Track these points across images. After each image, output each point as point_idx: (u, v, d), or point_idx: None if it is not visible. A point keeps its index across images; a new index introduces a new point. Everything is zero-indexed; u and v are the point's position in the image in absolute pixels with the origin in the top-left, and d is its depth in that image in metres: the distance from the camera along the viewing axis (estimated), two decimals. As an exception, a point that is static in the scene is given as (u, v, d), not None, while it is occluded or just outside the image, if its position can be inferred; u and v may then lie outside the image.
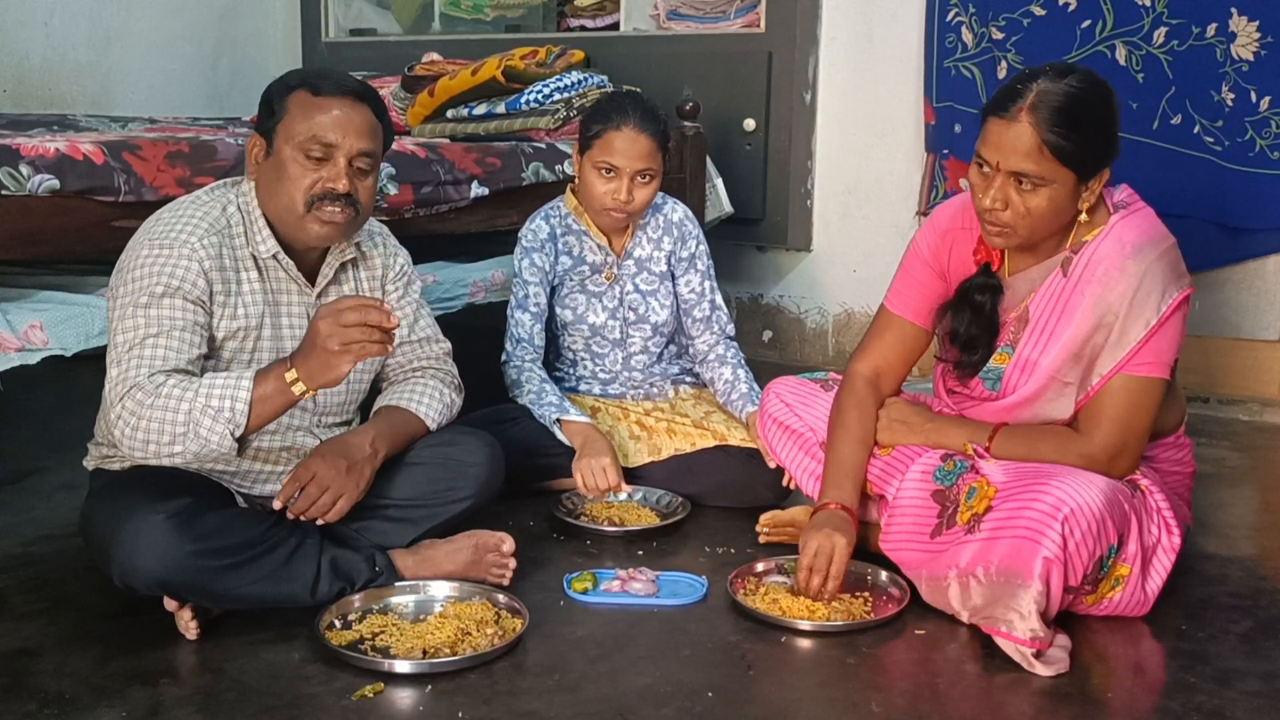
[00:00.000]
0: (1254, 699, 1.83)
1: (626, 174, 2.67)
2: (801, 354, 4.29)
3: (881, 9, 3.96)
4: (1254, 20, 3.37)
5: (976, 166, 2.06)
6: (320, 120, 1.99)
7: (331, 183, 1.99)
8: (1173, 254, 2.10)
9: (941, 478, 2.16)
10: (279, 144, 2.01)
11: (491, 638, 1.94)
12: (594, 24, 4.49)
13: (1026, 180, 1.99)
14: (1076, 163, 1.99)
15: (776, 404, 2.48)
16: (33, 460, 2.99)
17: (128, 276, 1.96)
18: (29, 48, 4.20)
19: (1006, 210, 2.02)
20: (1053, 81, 1.99)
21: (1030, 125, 1.97)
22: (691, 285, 2.88)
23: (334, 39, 4.95)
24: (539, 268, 2.79)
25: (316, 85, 2.02)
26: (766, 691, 1.86)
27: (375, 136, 2.06)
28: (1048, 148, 1.97)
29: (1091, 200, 2.06)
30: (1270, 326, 3.57)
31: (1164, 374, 2.08)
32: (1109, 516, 1.96)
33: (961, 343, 2.22)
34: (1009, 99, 2.00)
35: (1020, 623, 1.90)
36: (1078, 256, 2.10)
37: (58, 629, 2.03)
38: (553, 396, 2.69)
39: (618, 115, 2.68)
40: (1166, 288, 2.05)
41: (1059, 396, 2.13)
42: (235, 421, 1.86)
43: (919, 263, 2.30)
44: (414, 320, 2.30)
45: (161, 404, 1.86)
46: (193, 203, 2.06)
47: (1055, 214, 2.04)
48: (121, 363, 1.91)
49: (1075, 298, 2.09)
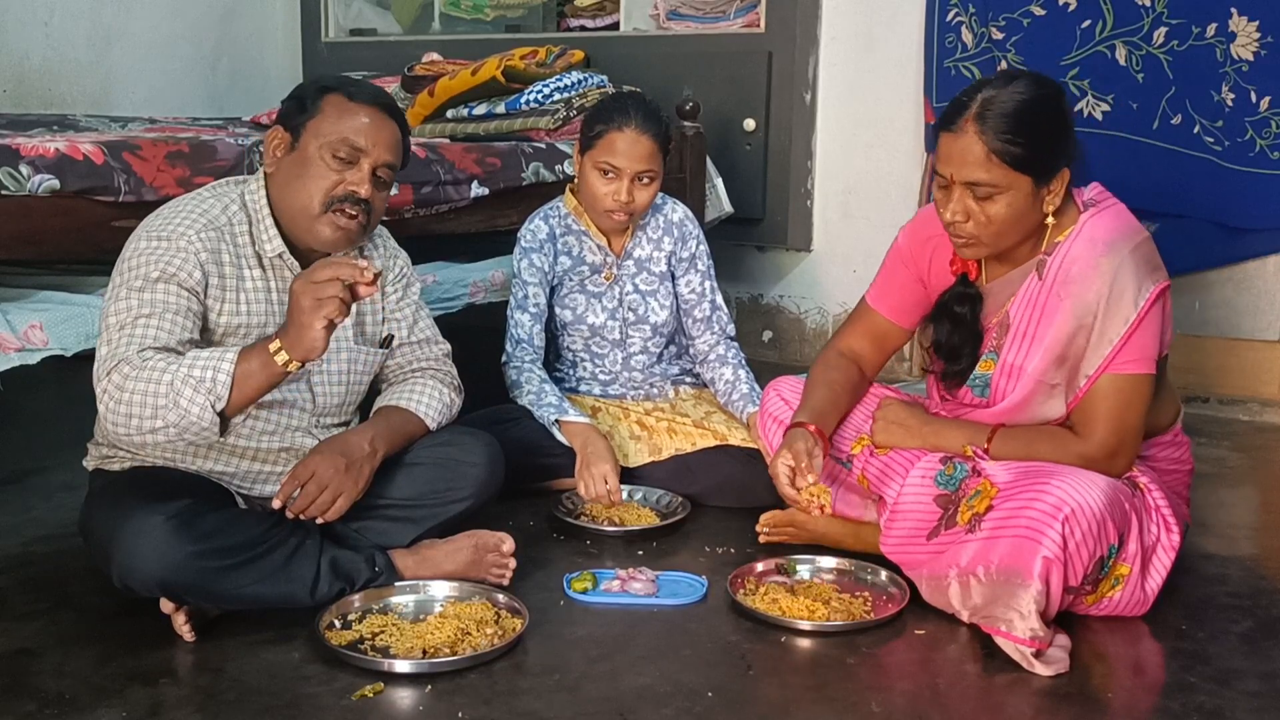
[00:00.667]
0: (1254, 699, 1.83)
1: (627, 175, 2.67)
2: (801, 354, 4.29)
3: (881, 9, 3.96)
4: (1254, 20, 3.37)
5: (937, 184, 2.08)
6: (353, 124, 2.02)
7: (355, 186, 2.02)
8: (1146, 248, 2.09)
9: (944, 482, 2.16)
10: (306, 140, 2.03)
11: (491, 638, 1.94)
12: (594, 24, 4.49)
13: (982, 189, 2.01)
14: (1029, 167, 2.00)
15: (777, 403, 2.48)
16: (33, 460, 2.99)
17: (124, 266, 1.97)
18: (29, 48, 4.20)
19: (968, 222, 2.04)
20: (996, 89, 2.01)
21: (976, 135, 1.98)
22: (692, 285, 2.88)
23: (334, 39, 4.95)
24: (538, 268, 2.79)
25: (352, 91, 2.06)
26: (766, 691, 1.86)
27: (399, 152, 2.10)
28: (996, 155, 1.98)
29: (1056, 203, 2.06)
30: (1270, 326, 3.58)
31: (1150, 369, 2.08)
32: (1109, 516, 1.96)
33: (945, 353, 2.25)
34: (955, 112, 2.03)
35: (1020, 622, 1.90)
36: (1051, 259, 2.10)
37: (58, 629, 2.03)
38: (552, 397, 2.69)
39: (620, 116, 2.67)
40: (1142, 283, 2.05)
41: (1048, 399, 2.14)
42: (216, 394, 1.82)
43: (899, 264, 2.32)
44: (413, 322, 2.30)
45: (146, 375, 1.83)
46: (192, 199, 2.06)
47: (1017, 220, 2.04)
48: (111, 341, 1.90)
49: (1052, 300, 2.10)
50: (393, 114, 2.10)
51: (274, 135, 2.07)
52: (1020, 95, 2.00)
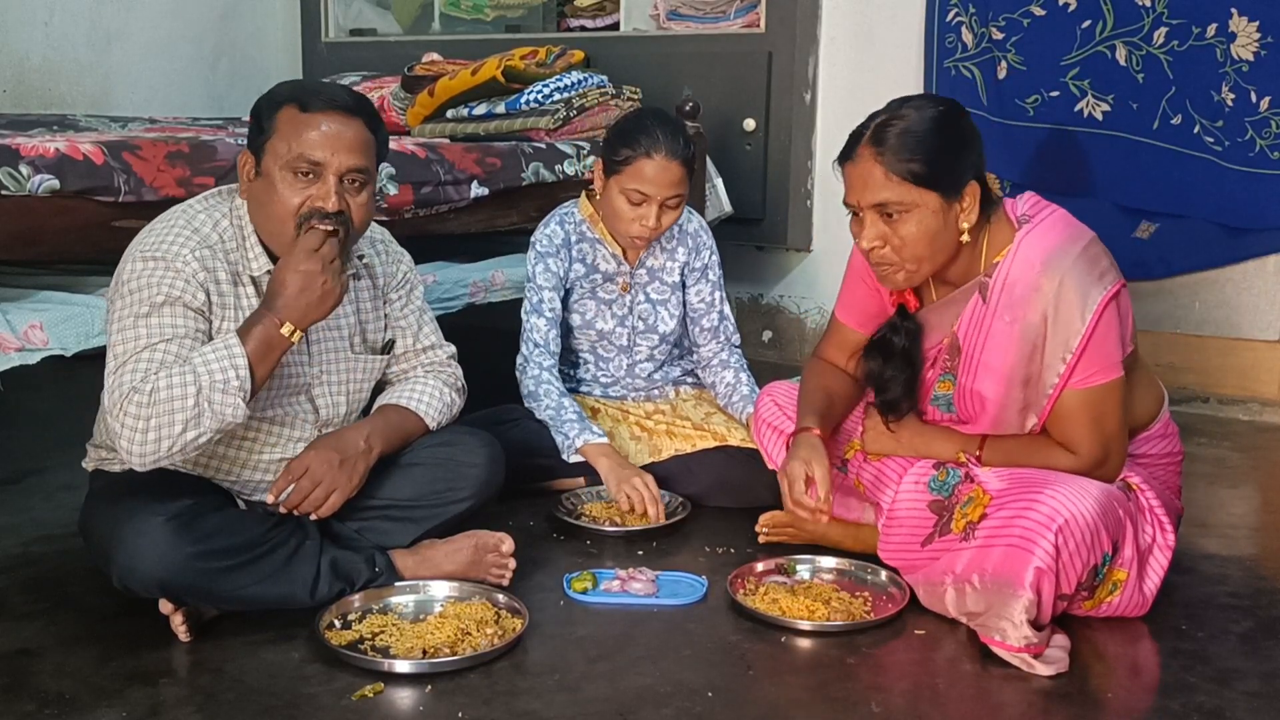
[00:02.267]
0: (1254, 699, 1.83)
1: (657, 201, 2.62)
2: (801, 354, 4.29)
3: (881, 9, 3.96)
4: (1254, 20, 3.37)
5: (852, 220, 2.09)
6: (308, 137, 1.94)
7: (320, 201, 1.94)
8: (1087, 256, 2.03)
9: (937, 488, 2.16)
10: (267, 162, 1.96)
11: (491, 638, 1.94)
12: (594, 24, 4.49)
13: (890, 208, 2.00)
14: (931, 182, 1.99)
15: (770, 408, 2.47)
16: (33, 460, 2.99)
17: (124, 289, 1.93)
18: (29, 48, 4.20)
19: (885, 247, 2.04)
20: (888, 114, 2.03)
21: (872, 158, 2.00)
22: (702, 295, 2.87)
23: (334, 39, 4.95)
24: (554, 273, 2.76)
25: (304, 100, 1.96)
26: (766, 691, 1.86)
27: (368, 151, 2.00)
28: (894, 174, 1.98)
29: (971, 219, 2.03)
30: (1270, 326, 3.57)
31: (1116, 374, 2.05)
32: (1103, 525, 1.96)
33: (876, 384, 2.23)
34: (851, 143, 2.05)
35: (1013, 631, 1.91)
36: (992, 281, 2.08)
37: (58, 629, 2.03)
38: (571, 414, 2.65)
39: (647, 141, 2.59)
40: (1088, 293, 2.00)
41: (1019, 415, 2.12)
42: (244, 388, 1.87)
43: (856, 279, 2.32)
44: (418, 329, 2.28)
45: (164, 397, 1.83)
46: (183, 214, 2.02)
47: (931, 238, 2.02)
48: (121, 371, 1.88)
49: (998, 324, 2.08)
50: (355, 112, 1.99)
51: (243, 159, 2.01)
52: (913, 114, 2.01)
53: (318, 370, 2.13)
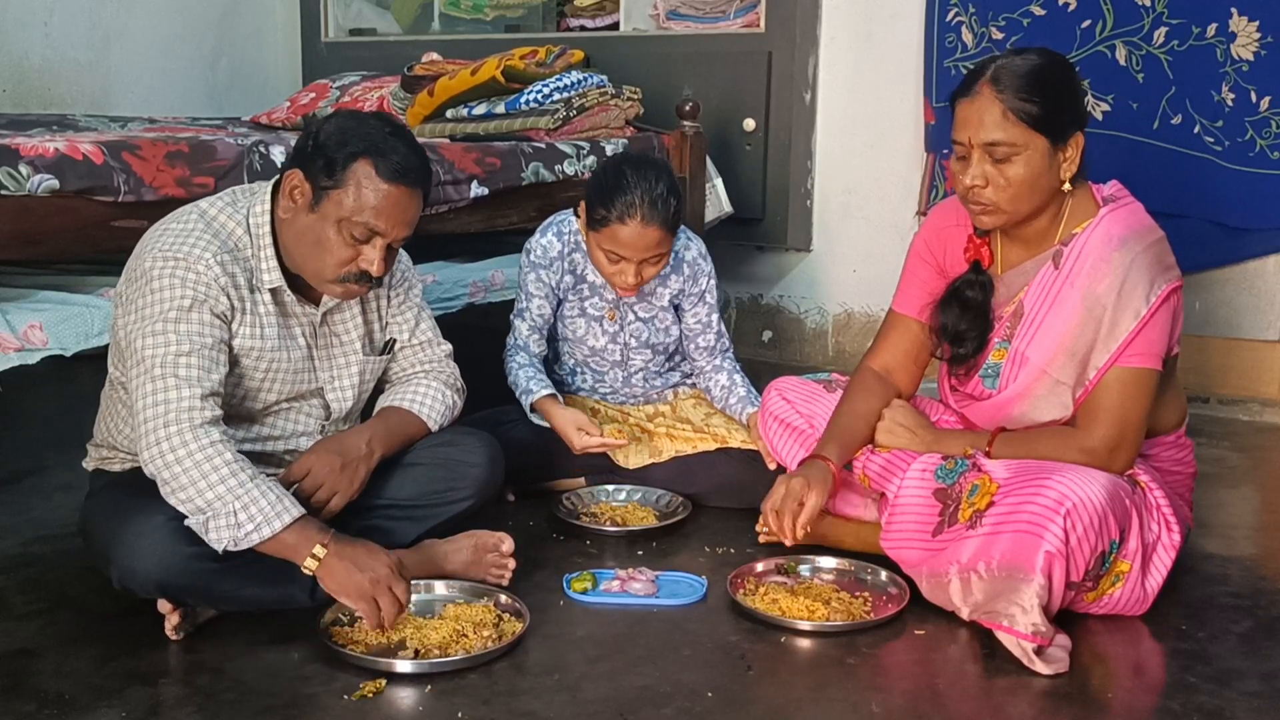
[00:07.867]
0: (1254, 699, 1.83)
1: (634, 261, 2.58)
2: (801, 354, 4.29)
3: (881, 9, 3.96)
4: (1254, 20, 3.37)
5: (955, 156, 2.12)
6: (377, 204, 1.94)
7: (368, 265, 1.97)
8: (1159, 247, 2.12)
9: (943, 476, 2.16)
10: (327, 208, 1.94)
11: (491, 638, 1.94)
12: (594, 24, 4.49)
13: (1000, 150, 2.04)
14: (1044, 126, 2.04)
15: (779, 402, 2.48)
16: (32, 460, 2.99)
17: (146, 288, 1.92)
18: (28, 47, 4.20)
19: (988, 187, 2.07)
20: (1009, 58, 2.09)
21: (993, 95, 2.04)
22: (699, 317, 2.85)
23: (334, 39, 4.94)
24: (545, 283, 2.75)
25: (379, 161, 1.94)
26: (766, 691, 1.86)
27: (415, 223, 2.02)
28: (1012, 113, 2.03)
29: (1072, 169, 2.09)
30: (1270, 326, 3.57)
31: (1156, 365, 2.10)
32: (1110, 511, 1.96)
33: (950, 336, 2.26)
34: (970, 79, 2.10)
35: (1022, 616, 1.91)
36: (1068, 249, 2.13)
37: (57, 629, 2.03)
38: (523, 379, 2.66)
39: (623, 205, 2.50)
40: (1154, 279, 2.08)
41: (1051, 394, 2.15)
42: (239, 544, 1.85)
43: (918, 260, 2.35)
44: (415, 325, 2.29)
45: (204, 471, 1.83)
46: (200, 217, 2.00)
47: (1034, 182, 2.07)
48: (156, 379, 1.87)
49: (1066, 290, 2.13)
50: (420, 183, 1.99)
51: (293, 180, 1.97)
52: (1033, 60, 2.07)
53: (330, 375, 2.16)
